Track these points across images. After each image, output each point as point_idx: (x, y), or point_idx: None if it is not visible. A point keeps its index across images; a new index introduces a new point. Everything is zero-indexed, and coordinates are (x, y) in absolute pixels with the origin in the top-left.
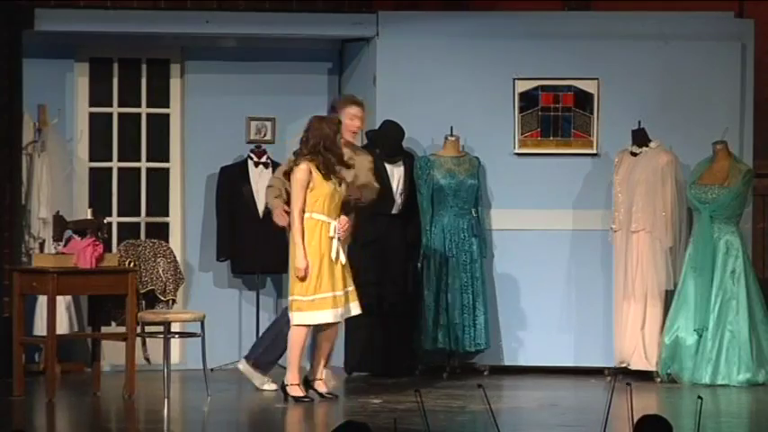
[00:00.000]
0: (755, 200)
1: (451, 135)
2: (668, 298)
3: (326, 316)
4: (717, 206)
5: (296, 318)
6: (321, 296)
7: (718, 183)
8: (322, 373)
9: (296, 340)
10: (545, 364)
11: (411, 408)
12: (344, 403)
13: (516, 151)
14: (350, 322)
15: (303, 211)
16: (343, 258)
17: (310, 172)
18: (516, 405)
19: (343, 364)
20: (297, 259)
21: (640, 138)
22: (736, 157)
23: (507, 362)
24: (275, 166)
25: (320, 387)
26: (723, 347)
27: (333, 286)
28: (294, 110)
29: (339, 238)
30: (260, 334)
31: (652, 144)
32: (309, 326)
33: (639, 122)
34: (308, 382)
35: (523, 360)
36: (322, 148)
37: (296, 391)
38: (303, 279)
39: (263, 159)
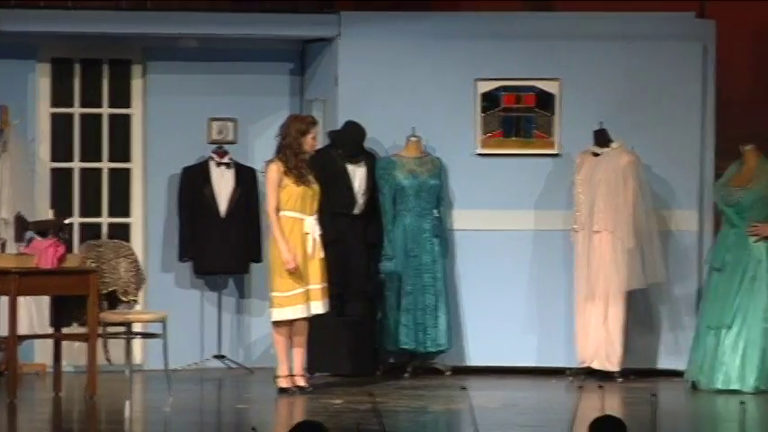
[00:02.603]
0: None
1: (413, 135)
2: (631, 298)
3: (304, 310)
4: (740, 208)
5: (276, 314)
6: (299, 291)
7: (743, 185)
8: (301, 367)
9: (279, 337)
10: (507, 364)
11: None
12: (307, 403)
13: (478, 152)
14: (312, 322)
15: (278, 209)
16: (320, 253)
17: (281, 171)
18: (478, 405)
19: (306, 364)
20: (282, 254)
21: (602, 138)
22: (763, 159)
23: (469, 362)
24: (237, 166)
25: (300, 381)
26: (737, 353)
27: (308, 281)
28: (256, 110)
29: (318, 235)
30: (221, 333)
31: (613, 144)
32: (291, 321)
33: (601, 123)
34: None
35: (485, 360)
36: (289, 149)
37: (282, 382)
38: (293, 272)
39: (225, 160)
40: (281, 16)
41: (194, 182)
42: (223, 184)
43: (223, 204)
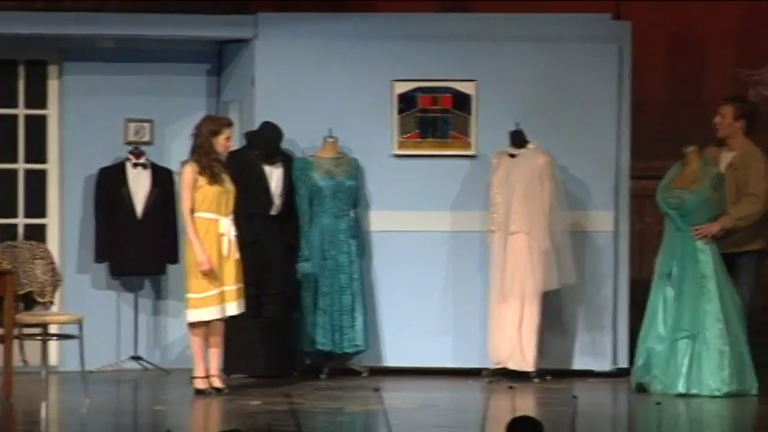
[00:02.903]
0: (632, 201)
1: (330, 136)
2: (547, 298)
3: (219, 311)
4: (684, 211)
5: (191, 315)
6: (214, 292)
7: (686, 187)
8: (217, 368)
9: (195, 338)
10: (423, 365)
11: (292, 409)
12: (223, 405)
13: (395, 153)
14: (228, 324)
15: (192, 211)
16: (236, 255)
17: (195, 172)
18: (395, 406)
19: (223, 365)
20: (197, 255)
21: (518, 139)
22: (706, 161)
23: (386, 363)
24: (153, 167)
25: (216, 382)
26: (694, 357)
27: (222, 282)
28: (172, 111)
29: (233, 236)
30: (137, 334)
31: (530, 146)
32: (206, 322)
33: (517, 124)
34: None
35: (402, 361)
36: (201, 149)
37: (199, 384)
38: (208, 273)
39: (142, 161)
40: (197, 17)
41: (111, 183)
42: (139, 185)
43: (139, 205)
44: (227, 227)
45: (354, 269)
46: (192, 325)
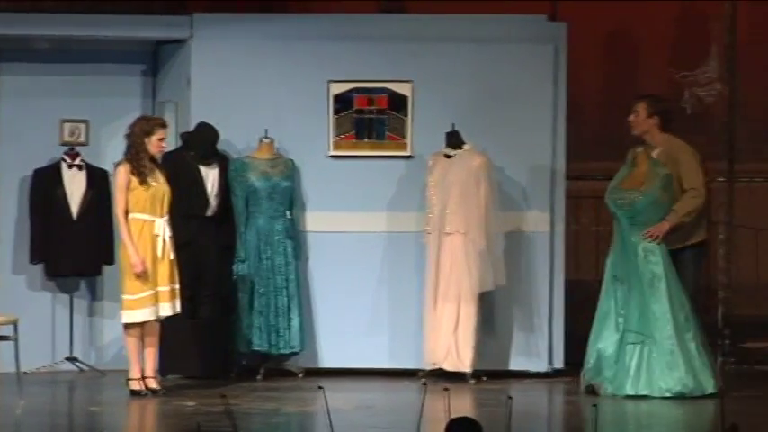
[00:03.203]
0: (567, 202)
1: (266, 137)
2: (482, 299)
3: (153, 312)
4: (634, 212)
5: (126, 316)
6: (149, 293)
7: (635, 188)
8: (153, 369)
9: (130, 339)
10: (360, 365)
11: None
12: (159, 406)
13: (331, 153)
14: (164, 324)
15: (126, 212)
16: (171, 255)
17: (129, 173)
18: (331, 407)
19: (158, 366)
20: (130, 257)
21: (454, 140)
22: (655, 162)
23: (322, 364)
24: (89, 168)
25: (151, 383)
26: (644, 358)
27: (157, 283)
28: (108, 112)
29: (168, 237)
30: (73, 335)
31: (466, 146)
32: (141, 323)
33: (453, 125)
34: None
35: (338, 362)
36: (134, 149)
37: (134, 385)
38: (142, 275)
39: (77, 162)
40: (133, 17)
41: (46, 184)
42: (75, 186)
43: (75, 206)
44: (161, 228)
45: (290, 270)
46: (127, 326)
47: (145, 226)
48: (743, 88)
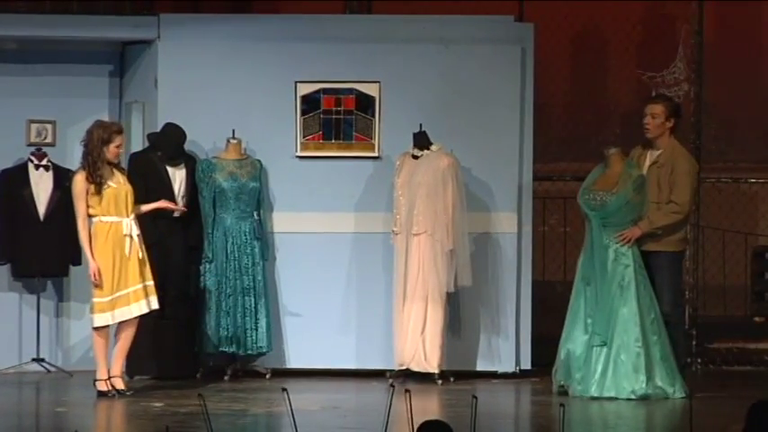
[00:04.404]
0: (535, 203)
1: (233, 138)
2: (450, 300)
3: (124, 313)
4: (605, 213)
5: (97, 319)
6: (119, 294)
7: (608, 189)
8: (120, 369)
9: (99, 340)
10: (327, 366)
11: (193, 411)
12: (127, 407)
13: (298, 154)
14: (142, 323)
15: (86, 219)
16: (140, 254)
17: (85, 180)
18: (298, 408)
19: (125, 367)
20: (90, 265)
21: (422, 141)
22: (629, 163)
23: (290, 364)
24: (56, 168)
25: (118, 384)
26: (611, 360)
27: (128, 283)
28: (75, 112)
29: (136, 235)
30: (39, 336)
31: (433, 147)
32: (109, 325)
33: (421, 126)
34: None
35: (306, 363)
36: (91, 157)
37: (102, 386)
38: (98, 283)
39: (44, 162)
40: (100, 18)
41: (12, 184)
42: (42, 187)
43: (42, 207)
44: (129, 227)
45: (258, 271)
46: (98, 329)
47: (112, 227)
48: (709, 89)
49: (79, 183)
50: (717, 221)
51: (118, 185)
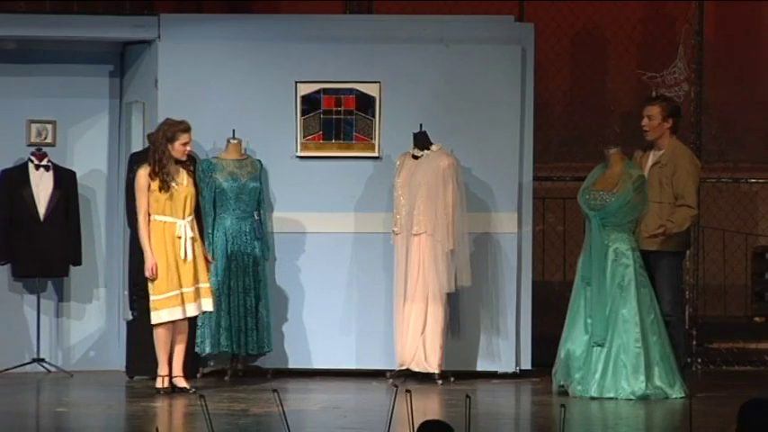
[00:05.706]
0: (534, 202)
1: (234, 138)
2: (450, 300)
3: (177, 313)
4: (606, 213)
5: (154, 317)
6: (171, 294)
7: (608, 189)
8: (180, 369)
9: (158, 338)
10: (328, 366)
11: (193, 411)
12: (126, 407)
13: (298, 154)
14: (129, 327)
15: (147, 215)
16: (190, 256)
17: (148, 176)
18: (300, 408)
19: (125, 367)
20: (146, 260)
21: (422, 141)
22: (629, 163)
23: (291, 365)
24: (56, 168)
25: (180, 383)
26: (610, 360)
27: (180, 284)
28: (75, 112)
29: (190, 237)
30: (40, 336)
31: (433, 147)
32: (168, 322)
33: (421, 126)
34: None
35: (307, 363)
36: (155, 153)
37: (158, 382)
38: (153, 279)
39: (44, 162)
40: (100, 18)
41: (13, 184)
42: (42, 187)
43: (42, 207)
44: (183, 229)
45: (258, 271)
46: (156, 325)
47: (166, 228)
48: (709, 89)
49: (142, 178)
50: (717, 221)
51: (179, 186)
